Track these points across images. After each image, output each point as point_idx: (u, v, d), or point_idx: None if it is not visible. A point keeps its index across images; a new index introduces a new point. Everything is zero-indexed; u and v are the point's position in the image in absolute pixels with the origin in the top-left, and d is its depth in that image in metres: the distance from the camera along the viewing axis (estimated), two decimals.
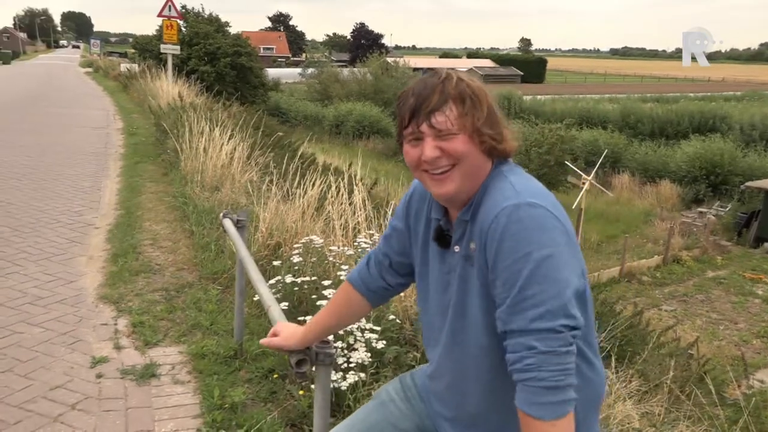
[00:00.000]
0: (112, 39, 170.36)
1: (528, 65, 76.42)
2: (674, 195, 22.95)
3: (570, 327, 1.12)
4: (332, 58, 54.11)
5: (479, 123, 1.20)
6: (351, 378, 2.58)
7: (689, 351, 7.28)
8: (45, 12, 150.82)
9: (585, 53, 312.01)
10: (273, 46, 79.46)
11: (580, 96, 43.61)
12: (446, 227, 1.32)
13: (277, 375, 3.00)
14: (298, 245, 3.74)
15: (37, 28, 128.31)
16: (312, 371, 1.74)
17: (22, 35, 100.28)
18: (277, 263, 3.74)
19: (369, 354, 2.69)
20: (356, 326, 2.80)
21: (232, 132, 7.04)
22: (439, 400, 1.43)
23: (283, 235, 4.24)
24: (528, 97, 37.61)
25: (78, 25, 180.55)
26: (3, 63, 47.00)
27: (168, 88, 13.39)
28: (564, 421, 1.10)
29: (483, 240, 1.18)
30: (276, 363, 3.07)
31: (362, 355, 2.67)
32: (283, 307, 3.12)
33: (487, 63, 78.39)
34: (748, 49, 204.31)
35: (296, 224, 4.27)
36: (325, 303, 2.14)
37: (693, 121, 30.81)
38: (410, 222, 1.44)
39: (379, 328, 2.86)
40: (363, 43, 72.59)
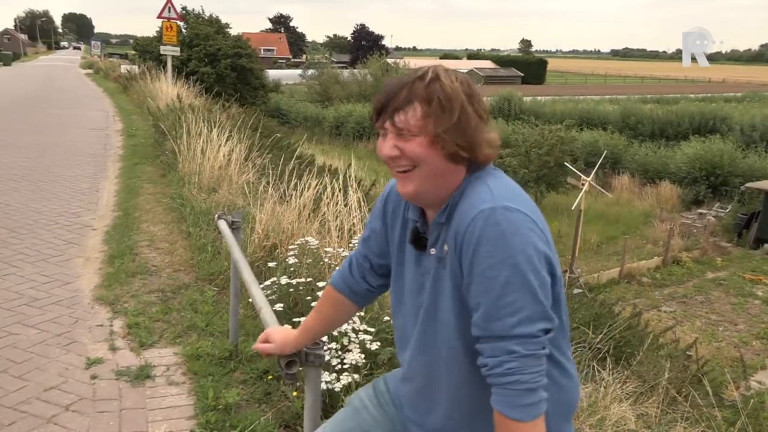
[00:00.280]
0: (113, 40, 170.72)
1: (528, 66, 76.33)
2: (674, 196, 22.91)
3: (547, 330, 1.13)
4: (332, 60, 54.18)
5: (441, 128, 1.16)
6: (345, 379, 2.58)
7: (687, 352, 7.28)
8: (46, 13, 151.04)
9: (586, 54, 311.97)
10: (273, 48, 79.58)
11: (581, 97, 43.51)
12: (423, 229, 1.30)
13: (272, 376, 3.01)
14: (294, 246, 3.75)
15: (38, 30, 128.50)
16: (302, 372, 1.74)
17: (23, 37, 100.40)
18: (273, 264, 3.74)
19: (363, 355, 2.69)
20: (350, 327, 2.80)
21: (230, 133, 7.05)
22: (410, 404, 1.41)
23: (279, 237, 4.24)
24: (528, 98, 37.49)
25: (79, 27, 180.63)
26: (4, 64, 47.03)
27: (167, 90, 13.40)
28: (540, 421, 1.12)
29: (459, 242, 1.16)
30: (271, 364, 3.07)
31: (356, 357, 2.67)
32: (279, 309, 3.14)
33: (488, 64, 78.32)
34: (749, 50, 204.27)
35: (292, 225, 4.27)
36: None
37: (693, 122, 30.72)
38: (387, 221, 1.42)
39: (374, 330, 2.86)
40: (363, 45, 72.60)
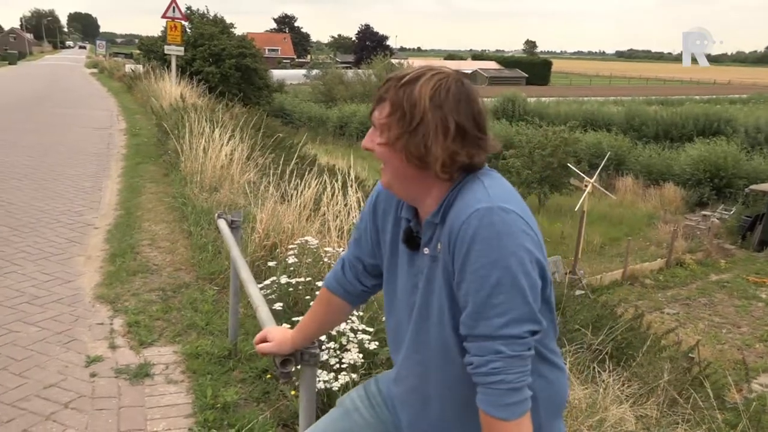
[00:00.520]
0: (118, 40, 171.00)
1: (533, 67, 76.23)
2: (678, 198, 22.85)
3: (534, 332, 1.14)
4: (337, 60, 54.34)
5: (396, 132, 1.17)
6: (343, 378, 2.58)
7: (690, 354, 7.26)
8: (51, 13, 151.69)
9: (590, 55, 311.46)
10: (278, 48, 79.64)
11: (585, 98, 43.42)
12: (416, 229, 1.30)
13: (271, 375, 3.01)
14: (294, 246, 3.75)
15: (44, 29, 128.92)
16: (297, 371, 1.75)
17: (29, 36, 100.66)
18: (273, 264, 3.75)
19: (361, 355, 2.69)
20: (348, 327, 2.80)
21: (233, 133, 7.06)
22: (402, 405, 1.40)
23: (280, 236, 4.24)
24: (532, 99, 37.42)
25: (84, 26, 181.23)
26: (9, 63, 47.15)
27: (171, 89, 13.43)
28: (525, 419, 1.13)
29: (453, 239, 1.16)
30: (269, 363, 3.07)
31: (354, 356, 2.67)
32: (278, 308, 3.14)
33: (492, 65, 78.25)
34: (755, 52, 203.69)
35: (292, 225, 4.28)
36: None
37: (698, 124, 30.63)
38: (378, 221, 1.42)
39: (372, 329, 2.86)
40: (368, 45, 72.76)
